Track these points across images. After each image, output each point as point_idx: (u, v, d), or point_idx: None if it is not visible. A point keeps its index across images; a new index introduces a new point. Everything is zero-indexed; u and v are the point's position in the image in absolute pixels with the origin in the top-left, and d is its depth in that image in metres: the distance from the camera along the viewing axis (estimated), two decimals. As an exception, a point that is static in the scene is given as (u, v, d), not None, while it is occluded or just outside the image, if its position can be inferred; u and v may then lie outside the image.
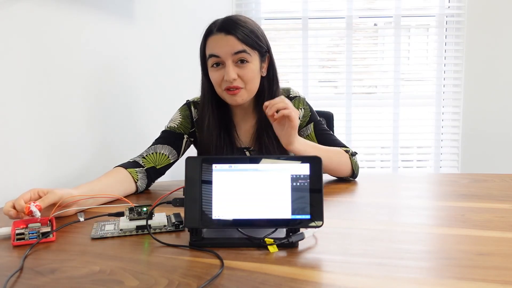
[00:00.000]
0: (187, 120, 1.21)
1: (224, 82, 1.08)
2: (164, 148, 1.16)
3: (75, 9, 1.24)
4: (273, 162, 0.69)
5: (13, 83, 1.04)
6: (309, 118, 1.21)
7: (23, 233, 0.71)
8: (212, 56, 1.08)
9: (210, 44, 1.09)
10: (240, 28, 1.07)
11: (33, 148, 1.11)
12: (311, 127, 1.21)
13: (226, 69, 1.06)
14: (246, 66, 1.08)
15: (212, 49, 1.08)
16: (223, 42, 1.06)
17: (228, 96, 1.10)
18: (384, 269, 0.59)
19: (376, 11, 2.41)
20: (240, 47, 1.06)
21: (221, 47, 1.06)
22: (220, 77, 1.08)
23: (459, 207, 0.88)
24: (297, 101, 1.21)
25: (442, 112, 2.41)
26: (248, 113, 1.20)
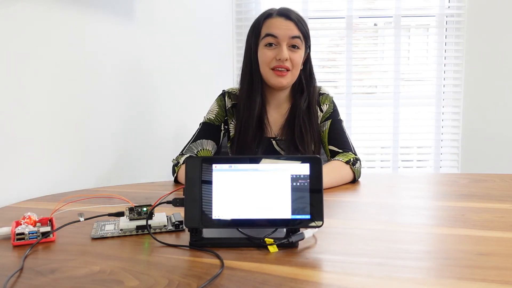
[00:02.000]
0: (222, 109, 1.28)
1: (275, 61, 1.16)
2: (209, 144, 1.23)
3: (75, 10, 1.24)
4: (273, 162, 0.69)
5: (17, 85, 1.04)
6: (330, 115, 1.26)
7: (23, 233, 0.71)
8: (269, 35, 1.16)
9: (269, 24, 1.17)
10: (298, 17, 1.18)
11: (53, 152, 1.11)
12: (328, 124, 1.25)
13: (281, 48, 1.15)
14: (297, 51, 1.17)
15: (270, 29, 1.16)
16: (283, 25, 1.15)
17: (274, 77, 1.17)
18: (384, 269, 0.59)
19: (376, 11, 2.41)
20: (297, 32, 1.16)
21: (280, 29, 1.15)
22: (272, 56, 1.16)
23: (459, 207, 0.88)
24: (324, 97, 1.28)
25: (442, 112, 2.41)
26: (281, 103, 1.26)
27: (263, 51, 1.18)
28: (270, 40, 1.16)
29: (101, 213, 0.80)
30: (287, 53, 1.15)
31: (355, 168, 1.14)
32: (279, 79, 1.17)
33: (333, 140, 1.23)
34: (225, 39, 2.39)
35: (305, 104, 1.23)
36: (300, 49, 1.18)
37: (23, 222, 0.73)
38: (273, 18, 1.17)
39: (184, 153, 1.21)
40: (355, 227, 0.77)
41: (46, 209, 0.92)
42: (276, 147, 1.24)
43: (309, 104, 1.23)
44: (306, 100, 1.23)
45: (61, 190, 1.17)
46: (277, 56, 1.16)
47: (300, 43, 1.17)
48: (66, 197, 1.03)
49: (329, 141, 1.23)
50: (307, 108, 1.23)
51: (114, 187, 1.17)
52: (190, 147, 1.23)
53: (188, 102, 1.95)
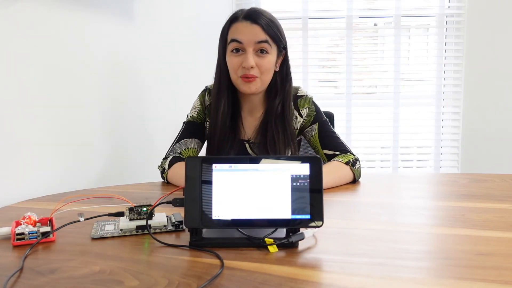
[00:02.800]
0: (203, 107, 1.25)
1: (242, 69, 1.11)
2: (193, 142, 1.21)
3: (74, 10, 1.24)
4: (273, 162, 0.69)
5: (17, 85, 1.04)
6: (314, 118, 1.22)
7: (23, 233, 0.71)
8: (235, 41, 1.10)
9: (235, 29, 1.12)
10: (265, 19, 1.11)
11: (53, 152, 1.11)
12: (315, 128, 1.21)
13: (247, 55, 1.09)
14: (265, 56, 1.11)
15: (235, 34, 1.11)
16: (248, 30, 1.09)
17: (242, 83, 1.12)
18: (384, 269, 0.59)
19: (376, 11, 2.41)
20: (263, 37, 1.09)
21: (245, 34, 1.09)
22: (238, 63, 1.11)
23: (459, 207, 0.88)
24: (303, 100, 1.22)
25: (442, 112, 2.41)
26: (255, 106, 1.22)
27: (230, 58, 1.13)
28: (235, 45, 1.11)
29: (101, 213, 0.80)
30: (253, 60, 1.09)
31: (355, 168, 1.13)
32: (248, 86, 1.12)
33: (326, 144, 1.20)
34: (225, 39, 2.39)
35: (279, 107, 1.18)
36: (269, 54, 1.11)
37: (23, 222, 0.73)
38: (239, 22, 1.11)
39: (167, 155, 1.18)
40: (355, 227, 0.77)
41: (46, 209, 0.92)
42: (249, 150, 1.22)
43: (283, 107, 1.18)
44: (280, 103, 1.18)
45: (61, 190, 1.17)
46: (243, 63, 1.10)
47: (268, 47, 1.11)
48: (66, 197, 1.03)
49: (323, 146, 1.20)
50: (281, 112, 1.18)
51: (114, 187, 1.17)
52: (173, 148, 1.20)
53: (188, 103, 1.95)
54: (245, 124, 1.22)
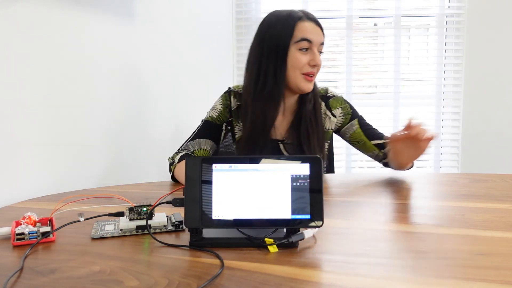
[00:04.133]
0: (226, 109, 1.24)
1: (308, 67, 1.14)
2: (207, 143, 1.21)
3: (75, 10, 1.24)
4: (273, 162, 0.69)
5: (17, 85, 1.04)
6: (351, 114, 1.26)
7: (23, 233, 0.71)
8: (306, 40, 1.13)
9: (304, 29, 1.13)
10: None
11: (53, 152, 1.11)
12: (355, 124, 1.26)
13: (315, 54, 1.14)
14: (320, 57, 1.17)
15: (306, 33, 1.13)
16: (316, 31, 1.14)
17: (305, 82, 1.15)
18: (384, 269, 0.59)
19: (376, 11, 2.41)
20: (323, 39, 1.16)
21: (315, 34, 1.14)
22: (306, 60, 1.14)
23: (459, 207, 0.88)
24: (334, 101, 1.26)
25: (442, 112, 2.41)
26: (288, 106, 1.22)
27: (296, 56, 1.13)
28: (305, 44, 1.13)
29: (101, 213, 0.80)
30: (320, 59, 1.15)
31: None
32: (309, 85, 1.16)
33: (372, 135, 1.25)
34: (225, 39, 2.39)
35: (311, 105, 1.21)
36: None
37: (23, 222, 0.73)
38: (306, 22, 1.14)
39: (180, 151, 1.20)
40: (355, 227, 0.77)
41: (46, 209, 0.92)
42: (283, 149, 1.23)
43: (314, 107, 1.22)
44: (311, 102, 1.22)
45: (61, 190, 1.17)
46: (311, 62, 1.14)
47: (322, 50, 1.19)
48: (66, 197, 1.03)
49: (369, 137, 1.25)
50: (314, 111, 1.22)
51: (114, 187, 1.17)
52: (187, 145, 1.21)
53: (188, 103, 1.96)
54: (276, 123, 1.21)
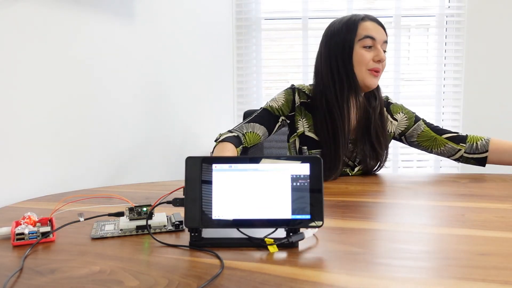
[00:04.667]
0: (288, 103, 1.29)
1: (372, 63, 1.20)
2: (261, 129, 1.25)
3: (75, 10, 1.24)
4: (273, 162, 0.69)
5: (17, 85, 1.04)
6: (415, 117, 1.33)
7: (23, 233, 0.71)
8: (369, 37, 1.20)
9: (366, 27, 1.21)
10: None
11: (53, 152, 1.11)
12: (422, 124, 1.32)
13: (379, 50, 1.20)
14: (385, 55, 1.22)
15: (369, 31, 1.20)
16: (378, 29, 1.21)
17: (371, 77, 1.21)
18: (384, 269, 0.59)
19: (376, 11, 2.41)
20: (386, 38, 1.23)
21: (378, 32, 1.20)
22: (370, 56, 1.20)
23: (459, 207, 0.88)
24: (395, 106, 1.34)
25: (442, 112, 2.41)
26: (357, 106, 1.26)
27: (361, 52, 1.20)
28: (368, 42, 1.19)
29: (101, 213, 0.80)
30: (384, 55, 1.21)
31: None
32: (374, 80, 1.22)
33: (441, 131, 1.30)
34: (225, 39, 2.39)
35: (379, 107, 1.27)
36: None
37: (23, 222, 0.73)
38: (368, 22, 1.21)
39: (232, 130, 1.23)
40: (355, 227, 0.77)
41: (46, 209, 0.92)
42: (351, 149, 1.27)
43: (381, 108, 1.28)
44: (379, 105, 1.27)
45: (61, 190, 1.17)
46: (376, 57, 1.20)
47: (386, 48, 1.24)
48: (66, 197, 1.03)
49: (440, 133, 1.29)
50: (380, 111, 1.27)
51: (114, 187, 1.17)
52: (241, 126, 1.25)
53: (188, 103, 1.96)
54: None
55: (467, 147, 1.27)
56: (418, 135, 1.31)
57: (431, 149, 1.31)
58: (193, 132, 1.99)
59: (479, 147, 1.27)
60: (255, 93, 2.48)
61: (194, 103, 2.00)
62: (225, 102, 2.41)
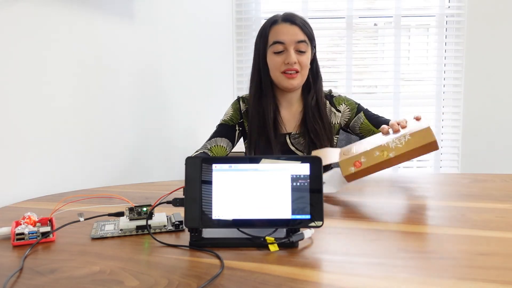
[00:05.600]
0: (236, 112, 1.35)
1: (284, 65, 1.22)
2: (223, 141, 1.30)
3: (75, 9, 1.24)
4: (273, 162, 0.69)
5: (17, 85, 1.04)
6: (357, 108, 1.35)
7: (23, 233, 0.71)
8: (277, 42, 1.22)
9: (276, 31, 1.23)
10: (302, 21, 1.24)
11: (53, 152, 1.11)
12: (362, 116, 1.33)
13: (289, 53, 1.21)
14: (303, 54, 1.23)
15: (277, 36, 1.22)
16: (289, 31, 1.21)
17: (285, 80, 1.23)
18: (384, 269, 0.59)
19: (376, 11, 2.41)
20: (302, 37, 1.22)
21: (286, 35, 1.21)
22: (280, 61, 1.22)
23: (459, 207, 0.88)
24: (338, 98, 1.35)
25: (442, 112, 2.41)
26: (292, 103, 1.32)
27: (272, 58, 1.23)
28: (278, 47, 1.21)
29: (101, 213, 0.80)
30: (295, 57, 1.21)
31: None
32: (290, 81, 1.23)
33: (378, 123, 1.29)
34: (225, 39, 2.39)
35: (313, 101, 1.29)
36: (306, 52, 1.23)
37: (23, 222, 0.73)
38: (279, 25, 1.23)
39: (198, 150, 1.27)
40: (355, 227, 0.77)
41: (46, 209, 0.92)
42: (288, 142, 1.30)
43: (317, 101, 1.29)
44: (313, 97, 1.29)
45: (61, 190, 1.17)
46: (286, 60, 1.21)
47: (306, 47, 1.23)
48: (66, 197, 1.03)
49: (377, 126, 1.29)
50: (316, 105, 1.29)
51: (114, 187, 1.17)
52: (205, 144, 1.29)
53: (188, 103, 1.96)
54: (283, 119, 1.31)
55: None
56: (360, 127, 1.33)
57: None
58: (193, 132, 1.99)
59: None
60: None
61: (194, 103, 2.00)
62: (225, 102, 2.41)
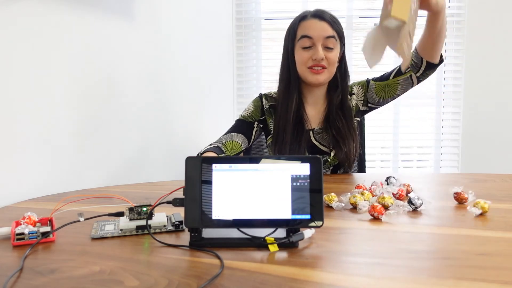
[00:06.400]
0: (258, 109, 1.35)
1: (311, 61, 1.22)
2: (239, 137, 1.29)
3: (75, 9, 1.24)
4: (273, 162, 0.69)
5: (17, 85, 1.04)
6: (366, 82, 1.34)
7: (23, 233, 0.71)
8: (305, 37, 1.22)
9: (304, 26, 1.23)
10: (331, 17, 1.24)
11: (53, 152, 1.11)
12: (371, 82, 1.33)
13: (317, 49, 1.21)
14: (331, 51, 1.23)
15: (305, 30, 1.22)
16: (317, 26, 1.21)
17: (311, 75, 1.24)
18: (384, 269, 0.59)
19: (376, 11, 2.41)
20: (331, 32, 1.22)
21: (315, 30, 1.21)
22: (308, 56, 1.22)
23: (459, 207, 0.88)
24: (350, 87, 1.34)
25: (442, 112, 2.41)
26: (318, 99, 1.33)
27: (300, 53, 1.24)
28: (305, 42, 1.22)
29: (101, 213, 0.80)
30: (322, 53, 1.21)
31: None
32: (316, 77, 1.23)
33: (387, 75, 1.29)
34: (225, 39, 2.39)
35: (338, 99, 1.30)
36: (335, 48, 1.23)
37: (23, 222, 0.73)
38: (308, 20, 1.23)
39: (212, 143, 1.26)
40: (355, 227, 0.77)
41: (46, 209, 0.92)
42: (312, 138, 1.30)
43: (342, 100, 1.30)
44: (339, 96, 1.30)
45: (61, 190, 1.17)
46: (313, 56, 1.21)
47: (334, 43, 1.23)
48: (66, 197, 1.03)
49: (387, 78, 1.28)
50: (340, 104, 1.29)
51: (114, 187, 1.17)
52: (220, 138, 1.29)
53: (188, 103, 1.96)
54: (309, 115, 1.32)
55: (411, 69, 1.24)
56: (375, 93, 1.32)
57: (393, 95, 1.30)
58: (193, 132, 1.99)
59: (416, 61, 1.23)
60: (255, 93, 2.48)
61: (194, 103, 2.00)
62: (225, 102, 2.41)
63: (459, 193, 0.91)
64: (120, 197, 0.89)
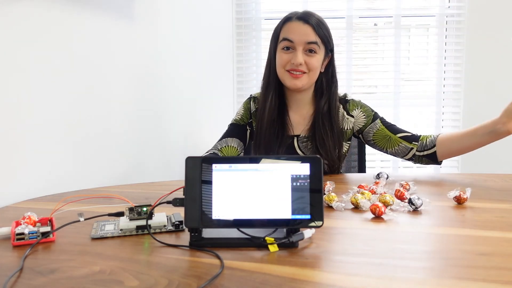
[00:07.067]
0: (247, 112, 1.33)
1: (290, 64, 1.19)
2: (233, 141, 1.28)
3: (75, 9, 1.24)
4: (273, 162, 0.69)
5: (17, 85, 1.04)
6: (373, 115, 1.29)
7: (23, 233, 0.71)
8: (286, 39, 1.19)
9: (287, 28, 1.20)
10: (317, 21, 1.20)
11: (53, 152, 1.11)
12: (378, 123, 1.28)
13: (296, 53, 1.18)
14: (313, 56, 1.19)
15: (287, 33, 1.19)
16: (300, 30, 1.18)
17: (289, 79, 1.20)
18: (384, 269, 0.59)
19: (376, 11, 2.41)
20: (313, 38, 1.18)
21: (297, 34, 1.18)
22: (287, 59, 1.20)
23: (459, 207, 0.88)
24: (352, 104, 1.30)
25: (442, 112, 2.41)
26: (302, 105, 1.29)
27: (280, 54, 1.21)
28: (286, 44, 1.19)
29: (101, 213, 0.80)
30: (302, 58, 1.18)
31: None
32: (294, 81, 1.20)
33: (396, 130, 1.26)
34: (225, 39, 2.39)
35: (326, 106, 1.25)
36: (317, 54, 1.20)
37: (23, 222, 0.73)
38: (292, 22, 1.20)
39: (208, 151, 1.26)
40: (355, 227, 0.77)
41: (46, 209, 0.92)
42: (296, 145, 1.27)
43: (329, 107, 1.25)
44: (326, 103, 1.25)
45: (61, 190, 1.17)
46: (292, 60, 1.18)
47: (317, 48, 1.19)
48: (66, 197, 1.03)
49: (394, 132, 1.26)
50: (328, 111, 1.25)
51: (114, 187, 1.17)
52: (215, 145, 1.28)
53: (188, 103, 1.96)
54: (292, 121, 1.28)
55: (418, 145, 1.23)
56: (374, 134, 1.27)
57: (386, 149, 1.27)
58: (193, 132, 1.99)
59: (428, 144, 1.23)
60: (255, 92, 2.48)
61: (194, 103, 2.00)
62: (225, 102, 2.41)
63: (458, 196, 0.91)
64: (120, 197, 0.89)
